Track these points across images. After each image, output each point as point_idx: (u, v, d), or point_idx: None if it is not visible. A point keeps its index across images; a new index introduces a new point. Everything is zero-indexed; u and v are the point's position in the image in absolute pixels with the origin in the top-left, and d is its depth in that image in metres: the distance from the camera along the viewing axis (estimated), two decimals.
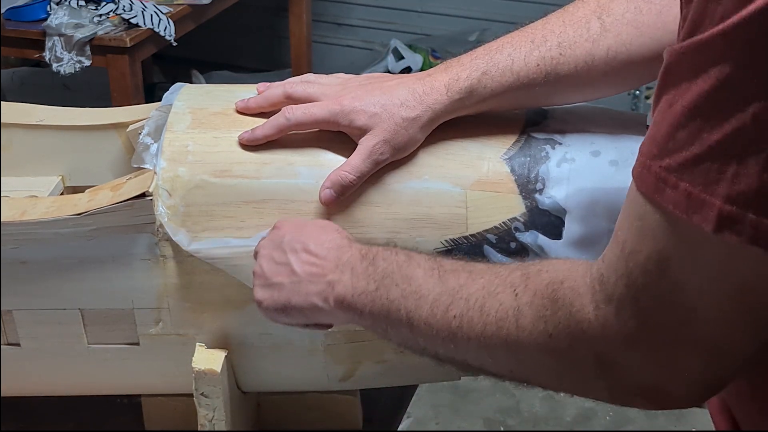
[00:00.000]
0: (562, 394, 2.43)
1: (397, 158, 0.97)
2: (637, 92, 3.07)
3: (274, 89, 1.02)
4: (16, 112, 1.16)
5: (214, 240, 0.96)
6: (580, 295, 0.69)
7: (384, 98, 0.95)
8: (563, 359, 0.71)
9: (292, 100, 1.00)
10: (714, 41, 0.59)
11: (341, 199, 0.95)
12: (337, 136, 0.98)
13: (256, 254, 0.92)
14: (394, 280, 0.82)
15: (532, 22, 0.98)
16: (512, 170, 0.97)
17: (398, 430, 1.22)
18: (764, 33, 0.57)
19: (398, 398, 1.23)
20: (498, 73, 0.95)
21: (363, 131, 0.95)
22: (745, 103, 0.58)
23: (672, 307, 0.65)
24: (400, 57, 3.59)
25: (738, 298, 0.63)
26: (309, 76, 1.05)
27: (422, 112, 0.95)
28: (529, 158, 0.97)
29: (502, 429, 2.37)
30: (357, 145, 0.96)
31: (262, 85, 1.04)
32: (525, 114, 1.02)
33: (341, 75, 1.04)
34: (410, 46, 3.62)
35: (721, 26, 0.58)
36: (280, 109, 0.99)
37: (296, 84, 1.02)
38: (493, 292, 0.75)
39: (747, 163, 0.58)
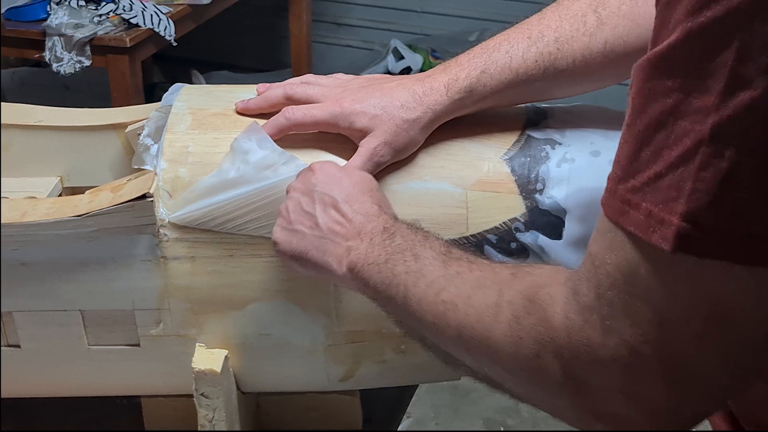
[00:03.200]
0: None
1: (397, 159, 0.97)
2: None
3: (273, 90, 1.02)
4: (16, 112, 1.16)
5: (193, 204, 0.96)
6: (555, 301, 0.68)
7: (384, 100, 0.95)
8: (530, 366, 0.69)
9: (292, 101, 1.00)
10: (669, 53, 0.58)
11: None
12: (337, 138, 0.98)
13: (286, 194, 0.92)
14: (404, 256, 0.82)
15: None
16: (512, 170, 0.97)
17: (398, 430, 1.22)
18: (719, 42, 0.56)
19: (398, 398, 1.23)
20: (497, 71, 0.95)
21: (363, 133, 0.95)
22: (703, 115, 0.57)
23: (638, 323, 0.62)
24: (400, 57, 3.59)
25: (708, 317, 0.61)
26: (309, 77, 1.05)
27: (422, 114, 0.95)
28: (529, 158, 0.97)
29: (502, 429, 2.37)
30: (357, 147, 0.96)
31: (262, 86, 1.04)
32: (525, 114, 1.02)
33: (341, 76, 1.04)
34: (410, 46, 3.62)
35: (674, 37, 0.57)
36: (279, 111, 0.99)
37: (296, 85, 1.02)
38: (482, 286, 0.75)
39: (704, 178, 0.57)
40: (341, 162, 0.96)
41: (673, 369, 0.63)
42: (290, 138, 0.98)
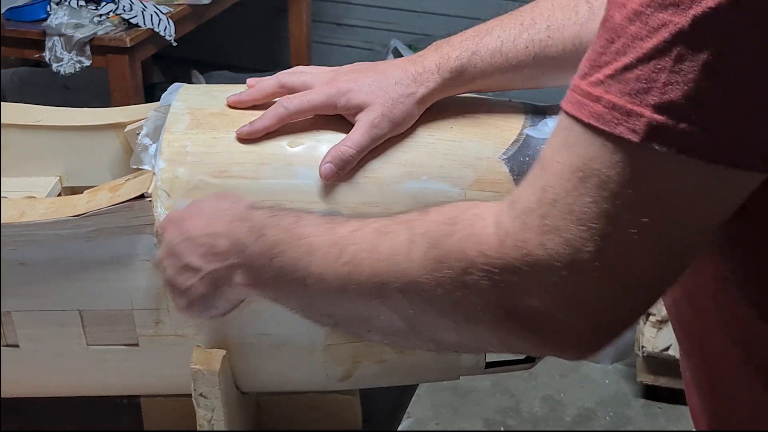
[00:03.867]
0: (562, 395, 2.43)
1: (395, 134, 0.97)
2: None
3: (266, 81, 1.03)
4: (15, 112, 1.16)
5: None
6: (482, 218, 0.67)
7: (378, 78, 0.97)
8: (454, 287, 0.67)
9: (285, 89, 1.01)
10: None
11: (341, 174, 0.95)
12: (337, 137, 0.98)
13: (157, 268, 0.92)
14: (286, 245, 0.80)
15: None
16: (511, 170, 0.97)
17: (398, 430, 1.22)
18: None
19: (398, 398, 1.23)
20: (488, 54, 0.96)
21: (360, 109, 0.96)
22: (684, 7, 0.56)
23: (584, 220, 0.61)
24: (399, 57, 3.59)
25: (658, 213, 0.60)
26: (300, 68, 1.05)
27: (416, 89, 0.96)
28: (527, 158, 0.97)
29: (502, 429, 2.37)
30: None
31: (252, 80, 1.04)
32: (523, 113, 1.02)
33: (332, 68, 1.04)
34: (410, 46, 3.62)
35: None
36: (272, 102, 0.99)
37: (289, 74, 1.03)
38: (385, 231, 0.73)
39: (681, 70, 0.57)
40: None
41: (612, 267, 0.62)
42: (290, 126, 0.99)
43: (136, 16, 2.56)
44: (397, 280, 0.71)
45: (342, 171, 0.95)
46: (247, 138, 0.98)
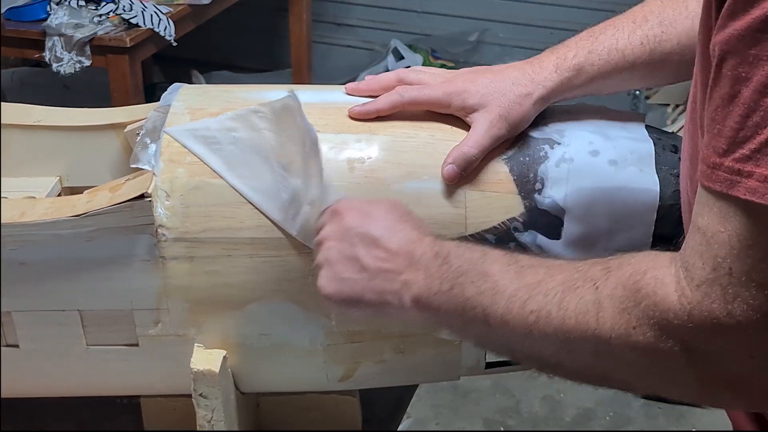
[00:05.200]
0: (562, 395, 2.43)
1: (512, 135, 0.97)
2: (637, 92, 3.07)
3: (385, 74, 1.04)
4: (14, 112, 1.16)
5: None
6: (664, 284, 0.69)
7: (495, 79, 0.98)
8: (648, 352, 0.70)
9: (403, 83, 1.02)
10: None
11: (463, 175, 0.95)
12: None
13: (319, 244, 0.91)
14: (469, 277, 0.80)
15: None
16: (511, 170, 0.97)
17: (398, 430, 1.22)
18: None
19: (398, 398, 1.23)
20: (604, 52, 0.97)
21: (475, 109, 0.97)
22: None
23: (760, 286, 0.64)
24: (400, 57, 3.59)
25: None
26: (420, 67, 1.07)
27: (534, 89, 0.97)
28: (527, 158, 0.97)
29: (502, 429, 2.37)
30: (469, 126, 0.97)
31: (370, 77, 1.05)
32: None
33: (451, 70, 1.05)
34: (410, 46, 3.62)
35: None
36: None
37: (408, 71, 1.04)
38: (572, 287, 0.74)
39: None
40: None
41: None
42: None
43: (136, 16, 2.56)
44: (587, 341, 0.73)
45: (464, 172, 0.95)
46: (357, 118, 0.99)
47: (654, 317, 0.68)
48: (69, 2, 2.56)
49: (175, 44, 2.66)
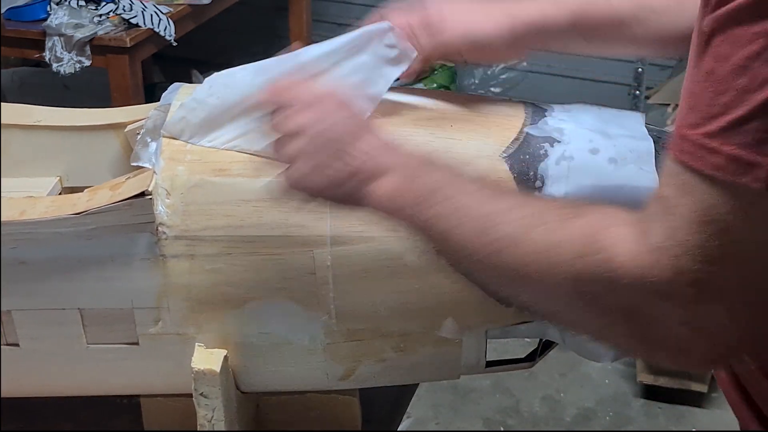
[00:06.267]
0: (562, 395, 2.43)
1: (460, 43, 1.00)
2: (637, 92, 3.07)
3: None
4: (15, 112, 1.16)
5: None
6: (622, 242, 0.70)
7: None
8: (592, 301, 0.72)
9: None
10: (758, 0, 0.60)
11: None
12: None
13: (290, 135, 0.87)
14: (435, 196, 0.80)
15: None
16: (511, 168, 0.96)
17: (398, 430, 1.21)
18: None
19: (398, 398, 1.23)
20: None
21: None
22: None
23: (713, 261, 0.66)
24: None
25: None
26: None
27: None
28: (528, 156, 0.97)
29: (502, 429, 2.37)
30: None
31: None
32: (524, 112, 1.02)
33: None
34: None
35: None
36: None
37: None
38: (539, 222, 0.75)
39: None
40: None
41: (739, 301, 0.67)
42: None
43: (136, 16, 2.56)
44: (541, 279, 0.74)
45: None
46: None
47: (606, 271, 0.70)
48: (69, 2, 2.56)
49: (175, 44, 2.66)
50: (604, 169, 0.95)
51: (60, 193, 1.15)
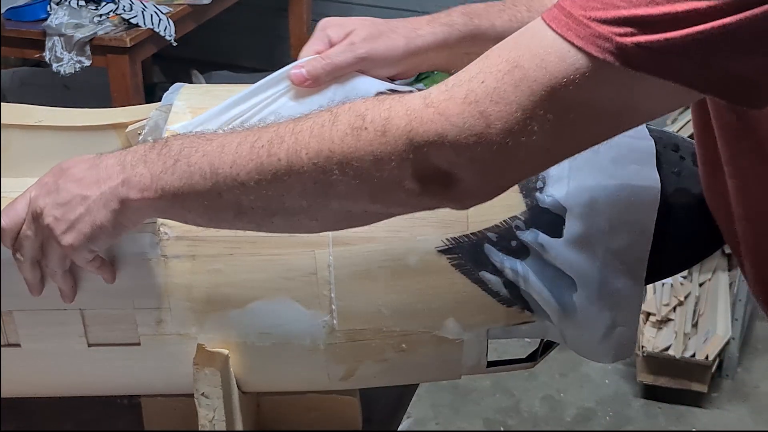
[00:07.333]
0: (562, 395, 2.43)
1: (374, 65, 1.07)
2: None
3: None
4: (15, 112, 1.16)
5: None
6: (413, 96, 0.73)
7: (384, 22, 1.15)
8: (374, 145, 0.73)
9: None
10: None
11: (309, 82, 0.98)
12: None
13: (36, 215, 0.89)
14: (193, 148, 0.82)
15: None
16: None
17: (398, 430, 1.22)
18: None
19: (398, 398, 1.23)
20: (476, 19, 1.04)
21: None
22: None
23: (498, 102, 0.69)
24: None
25: (571, 115, 0.69)
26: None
27: (408, 33, 1.11)
28: None
29: (502, 429, 2.37)
30: None
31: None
32: None
33: None
34: None
35: None
36: None
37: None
38: (306, 118, 0.78)
39: None
40: None
41: (514, 146, 0.70)
42: None
43: (136, 16, 2.57)
44: (319, 151, 0.76)
45: (311, 80, 0.98)
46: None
47: (390, 115, 0.73)
48: (69, 2, 2.57)
49: (175, 44, 2.66)
50: (605, 169, 0.95)
51: None
